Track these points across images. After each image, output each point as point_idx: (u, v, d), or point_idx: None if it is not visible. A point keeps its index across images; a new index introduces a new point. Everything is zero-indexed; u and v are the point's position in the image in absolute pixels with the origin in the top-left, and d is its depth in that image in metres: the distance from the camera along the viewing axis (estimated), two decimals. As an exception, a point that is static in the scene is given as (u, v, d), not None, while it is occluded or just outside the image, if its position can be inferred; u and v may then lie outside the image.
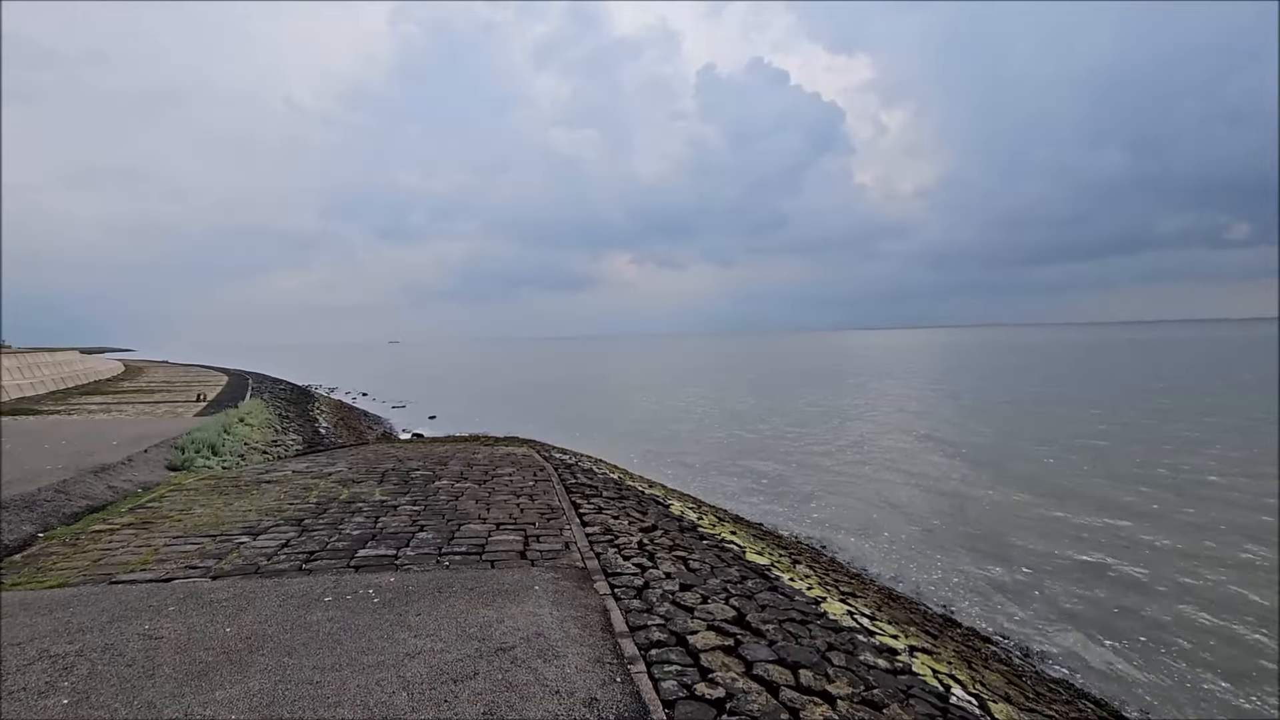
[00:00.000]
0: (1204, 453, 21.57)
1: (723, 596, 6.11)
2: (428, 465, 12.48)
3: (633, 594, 5.94)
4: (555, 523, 8.32)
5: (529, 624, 5.00)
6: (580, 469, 13.21)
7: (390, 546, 7.11)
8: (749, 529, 12.22)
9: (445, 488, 10.33)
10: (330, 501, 9.33)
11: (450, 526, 7.98)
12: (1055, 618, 9.76)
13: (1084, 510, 15.28)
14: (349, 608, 5.28)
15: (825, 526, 14.46)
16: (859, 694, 4.48)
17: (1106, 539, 13.22)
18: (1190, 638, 9.06)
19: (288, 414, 26.00)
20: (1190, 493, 16.58)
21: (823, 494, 17.58)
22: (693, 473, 20.55)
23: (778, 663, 4.78)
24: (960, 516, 15.12)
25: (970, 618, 9.67)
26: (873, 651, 5.46)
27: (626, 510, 9.65)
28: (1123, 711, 7.09)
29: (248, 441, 16.21)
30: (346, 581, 5.94)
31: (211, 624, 4.94)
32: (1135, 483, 17.74)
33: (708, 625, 5.34)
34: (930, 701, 4.70)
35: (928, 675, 5.33)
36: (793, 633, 5.44)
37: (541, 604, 5.44)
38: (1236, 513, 14.72)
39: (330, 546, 7.11)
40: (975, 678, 6.08)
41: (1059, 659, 8.49)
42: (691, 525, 9.52)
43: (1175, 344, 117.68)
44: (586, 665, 4.37)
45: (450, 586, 5.82)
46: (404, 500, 9.42)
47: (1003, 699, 5.69)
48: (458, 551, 6.96)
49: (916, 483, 18.67)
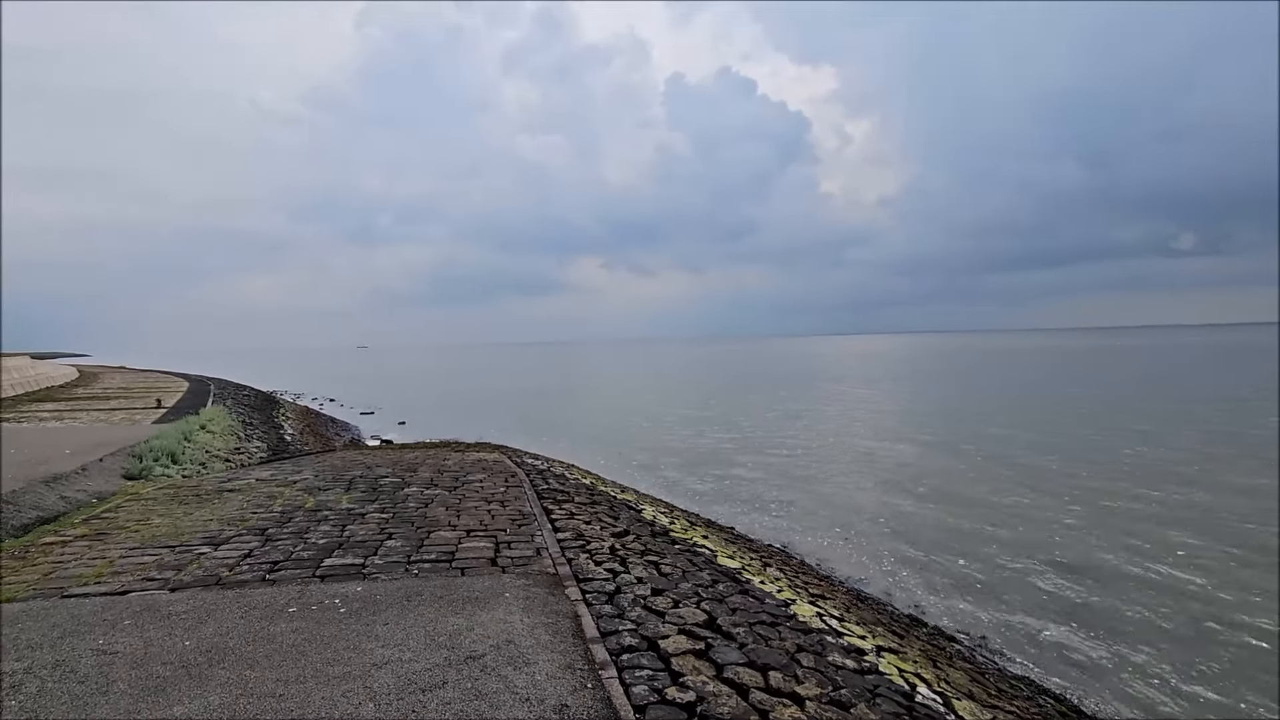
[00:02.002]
0: (1161, 453, 22.36)
1: (694, 600, 6.14)
2: (397, 472, 12.30)
3: (604, 599, 5.94)
4: (527, 529, 8.27)
5: (499, 631, 4.97)
6: (552, 474, 13.15)
7: (358, 555, 6.99)
8: (721, 533, 12.30)
9: (415, 495, 10.20)
10: (295, 510, 9.13)
11: (420, 534, 7.88)
12: (1016, 616, 10.01)
13: (1043, 510, 15.71)
14: (314, 618, 5.18)
15: (796, 530, 14.62)
16: (827, 694, 4.54)
17: (1063, 538, 13.61)
18: (1147, 633, 9.38)
19: (252, 420, 25.38)
20: (1152, 493, 17.16)
21: (793, 498, 17.77)
22: (665, 477, 20.59)
23: (748, 665, 4.82)
24: (925, 518, 15.42)
25: (935, 617, 9.87)
26: (841, 652, 5.54)
27: (599, 515, 9.63)
28: (1081, 706, 7.31)
29: (209, 449, 15.79)
30: (312, 591, 5.83)
31: (169, 637, 4.81)
32: (1091, 482, 18.30)
33: (679, 629, 5.36)
34: (896, 700, 4.79)
35: (894, 674, 5.43)
36: (763, 635, 5.49)
37: (512, 611, 5.40)
38: (1189, 510, 15.28)
39: (295, 556, 6.96)
40: (940, 676, 6.21)
41: (1020, 656, 8.71)
42: (664, 530, 9.54)
43: (1133, 350, 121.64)
44: (557, 672, 4.36)
45: (419, 595, 5.75)
46: (372, 508, 9.27)
47: (966, 696, 5.82)
48: (427, 559, 6.87)
49: (884, 486, 18.99)
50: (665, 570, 7.08)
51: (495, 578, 6.31)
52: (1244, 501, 15.93)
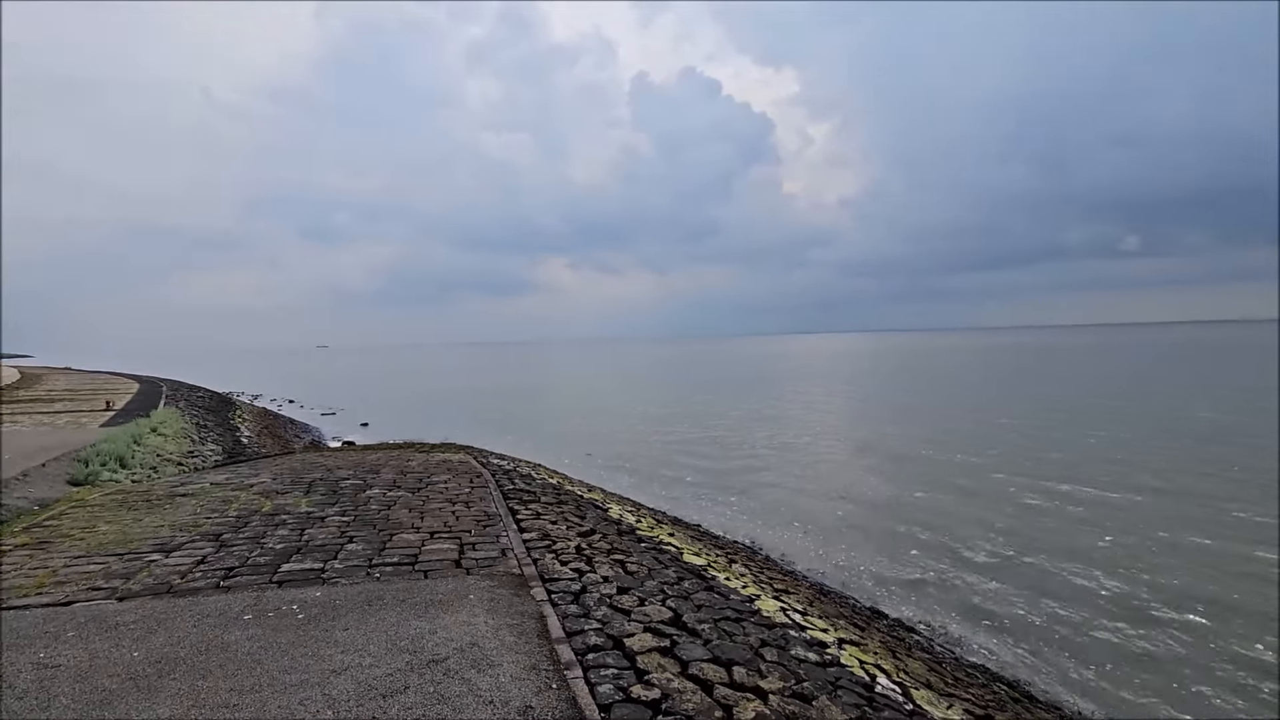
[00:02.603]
0: (1115, 448, 23.26)
1: (660, 598, 6.17)
2: (359, 474, 12.06)
3: (570, 599, 5.92)
4: (492, 530, 8.19)
5: (463, 634, 4.91)
6: (518, 474, 13.05)
7: (317, 560, 6.84)
8: (687, 530, 12.37)
9: (377, 497, 10.01)
10: (252, 514, 8.88)
11: (382, 537, 7.74)
12: (972, 606, 10.31)
13: (999, 504, 16.20)
14: (271, 625, 5.05)
15: (761, 526, 14.79)
16: (790, 688, 4.61)
17: (1016, 530, 14.05)
18: (1091, 619, 9.75)
19: (206, 423, 24.58)
20: (1103, 485, 17.85)
21: (758, 494, 17.98)
22: (632, 476, 20.63)
23: (713, 661, 4.86)
24: (886, 513, 15.76)
25: (896, 608, 10.11)
26: (804, 646, 5.63)
27: (565, 515, 9.60)
28: (1032, 692, 7.57)
29: (160, 453, 15.24)
30: (269, 598, 5.68)
31: (116, 649, 4.63)
32: (1042, 480, 18.93)
33: (645, 627, 5.38)
34: (857, 692, 4.89)
35: (855, 666, 5.54)
36: (728, 631, 5.55)
37: (476, 613, 5.35)
38: (1136, 502, 15.94)
39: (251, 562, 6.77)
40: (899, 666, 6.36)
41: (976, 645, 8.98)
42: (630, 528, 9.56)
43: (1085, 349, 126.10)
44: (521, 673, 4.33)
45: (381, 599, 5.65)
46: (332, 511, 9.07)
47: (924, 685, 5.97)
48: (389, 562, 6.76)
49: (846, 482, 19.35)
50: (631, 569, 7.10)
51: (459, 580, 6.23)
52: (1185, 494, 16.68)
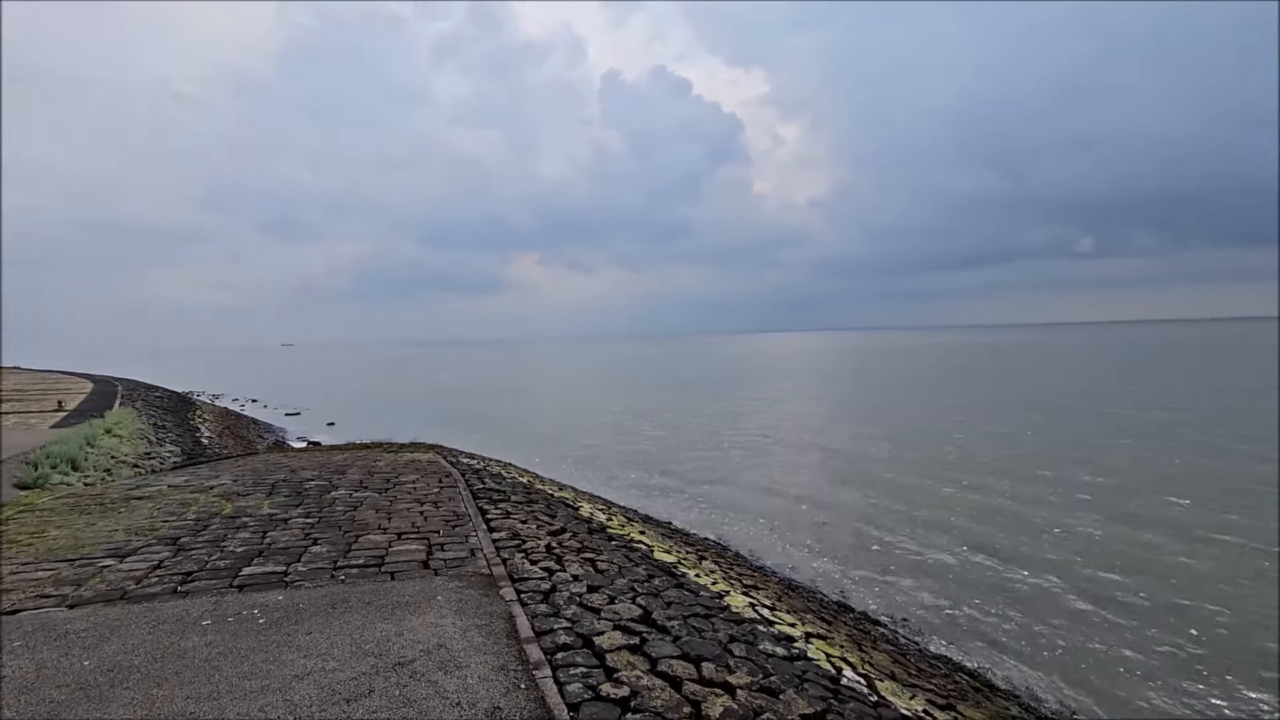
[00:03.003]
0: (1076, 443, 23.99)
1: (630, 596, 6.18)
2: (324, 475, 11.82)
3: (540, 598, 5.89)
4: (461, 530, 8.11)
5: (430, 636, 4.86)
6: (488, 474, 12.94)
7: (279, 563, 6.69)
8: (658, 528, 12.41)
9: (343, 498, 9.83)
10: (211, 517, 8.65)
11: (347, 538, 7.60)
12: (934, 598, 10.55)
13: (960, 497, 16.60)
14: (230, 631, 4.93)
15: (731, 523, 14.92)
16: (758, 682, 4.66)
17: (975, 525, 14.41)
18: (1047, 612, 10.05)
19: (164, 423, 23.85)
20: (1062, 476, 18.40)
21: (728, 491, 18.12)
22: (603, 474, 20.61)
23: (682, 658, 4.89)
24: (852, 509, 16.03)
25: (861, 602, 10.30)
26: (772, 640, 5.69)
27: (535, 514, 9.55)
28: (992, 681, 7.78)
29: (115, 454, 14.75)
30: (228, 602, 5.54)
31: (66, 658, 4.47)
32: (999, 475, 19.45)
33: (614, 625, 5.38)
34: (823, 684, 4.96)
35: (822, 659, 5.62)
36: (697, 627, 5.58)
37: (444, 614, 5.29)
38: (1083, 491, 16.47)
39: (210, 566, 6.59)
40: (865, 659, 6.48)
41: (938, 636, 9.19)
42: (600, 527, 9.55)
43: (1038, 347, 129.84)
44: (490, 674, 4.30)
45: (346, 602, 5.55)
46: (296, 513, 8.88)
47: (889, 677, 6.09)
48: (355, 564, 6.64)
49: (813, 478, 19.63)
50: (602, 567, 7.09)
51: (427, 581, 6.16)
52: (1137, 479, 17.29)
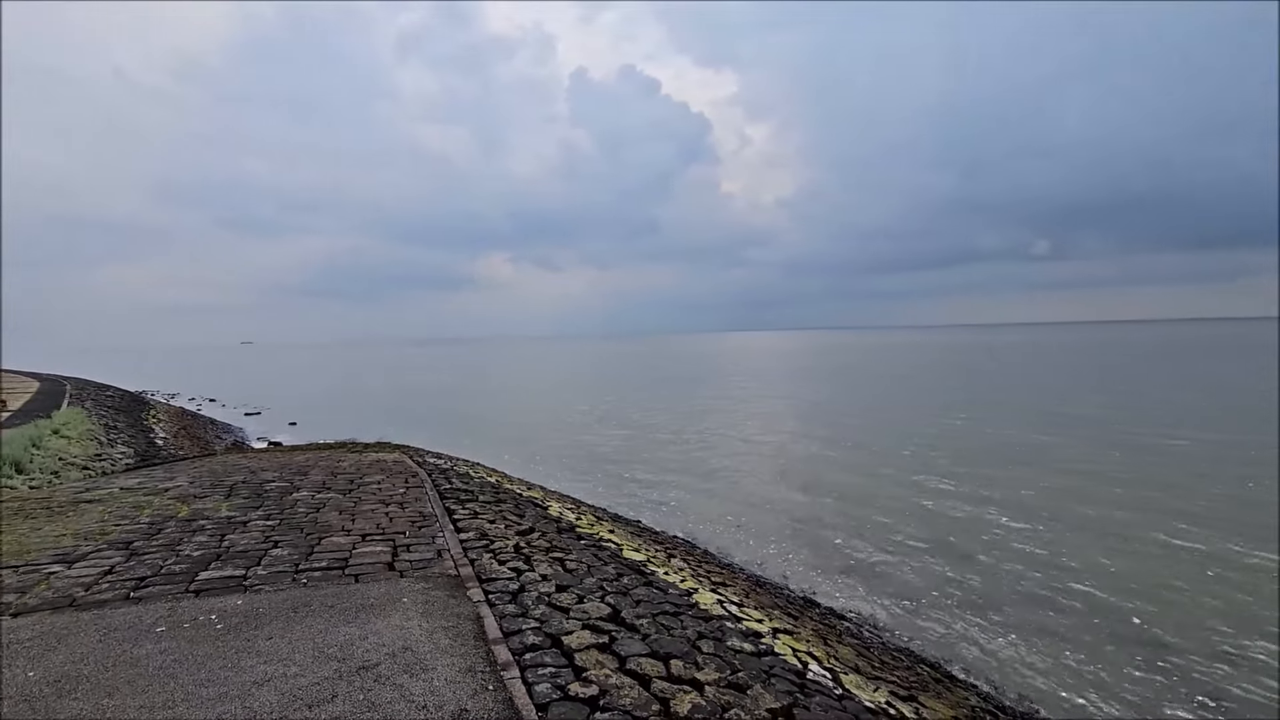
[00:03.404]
0: (1037, 443, 24.73)
1: (598, 595, 6.17)
2: (285, 476, 11.55)
3: (508, 599, 5.85)
4: (427, 530, 8.00)
5: (395, 638, 4.79)
6: (456, 473, 12.80)
7: (238, 566, 6.51)
8: (627, 527, 12.43)
9: (305, 499, 9.62)
10: (166, 520, 8.37)
11: (309, 540, 7.44)
12: (897, 592, 10.79)
13: (921, 494, 16.99)
14: (186, 637, 4.78)
15: (699, 521, 15.02)
16: (725, 678, 4.71)
17: (935, 519, 14.78)
18: (1003, 602, 10.36)
19: (116, 424, 23.00)
20: (1014, 475, 18.96)
21: (697, 489, 18.24)
22: (572, 473, 20.56)
23: (650, 656, 4.91)
24: (818, 506, 16.29)
25: (828, 597, 10.48)
26: (739, 636, 5.75)
27: (503, 514, 9.48)
28: (952, 672, 7.99)
29: (63, 456, 14.18)
30: (184, 608, 5.37)
31: (9, 669, 4.29)
32: (956, 472, 19.98)
33: (583, 624, 5.37)
34: (789, 679, 5.04)
35: (788, 654, 5.70)
36: (665, 625, 5.61)
37: (410, 616, 5.22)
38: (1038, 485, 17.02)
39: (165, 571, 6.39)
40: (830, 653, 6.59)
41: (900, 629, 9.41)
42: (570, 526, 9.53)
43: (1000, 347, 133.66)
44: (457, 676, 4.26)
45: (308, 605, 5.43)
46: (256, 515, 8.65)
47: (853, 670, 6.21)
48: (317, 567, 6.50)
49: (781, 476, 19.87)
50: (570, 566, 7.08)
51: (392, 583, 6.06)
52: (1083, 478, 17.93)
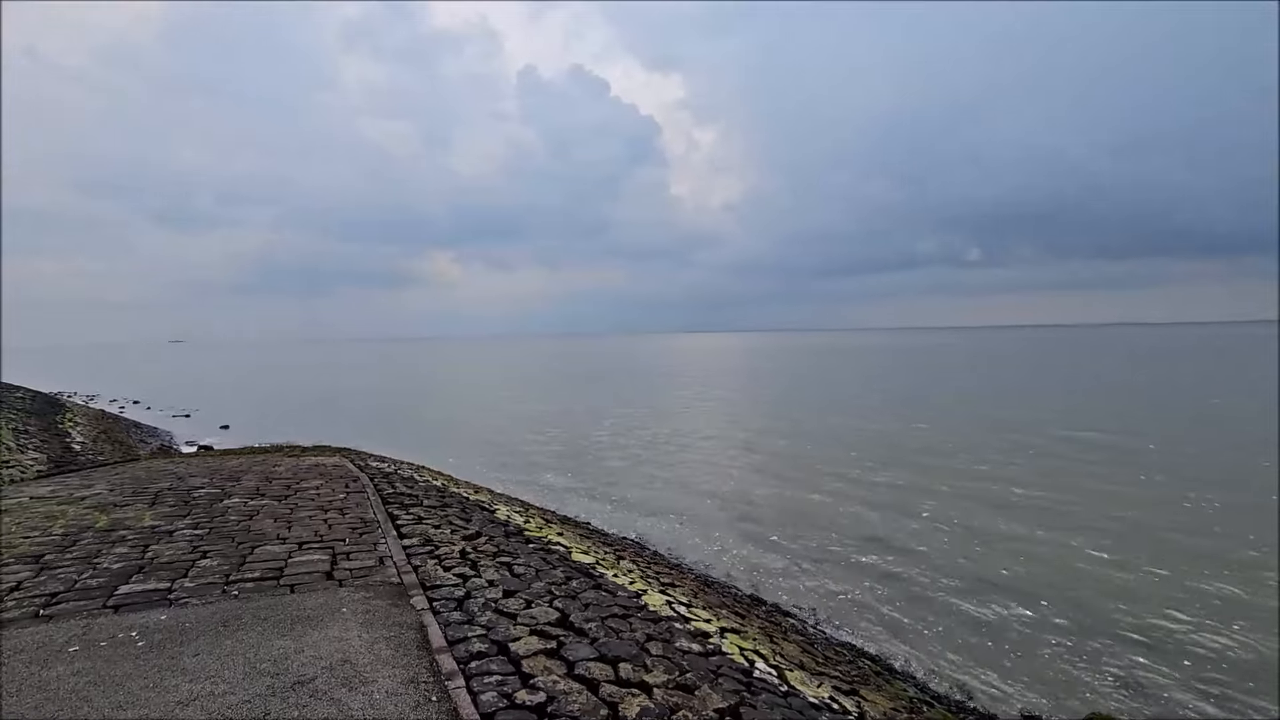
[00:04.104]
0: (967, 441, 25.78)
1: (547, 599, 6.11)
2: (216, 481, 11.00)
3: (453, 606, 5.73)
4: (369, 537, 7.76)
5: (333, 651, 4.61)
6: (400, 478, 12.45)
7: (162, 579, 6.16)
8: (576, 529, 12.35)
9: (237, 506, 9.18)
10: (82, 531, 7.85)
11: (241, 550, 7.10)
12: (838, 588, 11.07)
13: (856, 493, 17.51)
14: (104, 656, 4.48)
15: (648, 521, 15.07)
16: (674, 680, 4.72)
17: (872, 516, 15.26)
18: (936, 594, 10.76)
19: (26, 428, 21.45)
20: (951, 470, 19.73)
21: (645, 489, 18.30)
22: (521, 475, 20.31)
23: (599, 660, 4.88)
24: (764, 503, 16.58)
25: (773, 594, 10.66)
26: (688, 637, 5.78)
27: (449, 519, 9.27)
28: (892, 665, 8.25)
29: (-36, 464, 13.13)
30: (101, 625, 5.04)
31: (-103, 698, 3.93)
32: (893, 468, 20.68)
33: (531, 630, 5.30)
34: (737, 678, 5.09)
35: (735, 654, 5.76)
36: (614, 628, 5.59)
37: (349, 627, 5.04)
38: (969, 478, 17.79)
39: (80, 585, 5.98)
40: (776, 650, 6.70)
41: (843, 624, 9.67)
42: (518, 529, 9.40)
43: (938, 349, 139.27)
44: (399, 688, 4.13)
45: (239, 619, 5.18)
46: (183, 524, 8.20)
47: (798, 667, 6.33)
48: (249, 578, 6.21)
49: (727, 474, 20.14)
50: (518, 571, 6.98)
51: (331, 593, 5.84)
52: (1007, 479, 18.82)
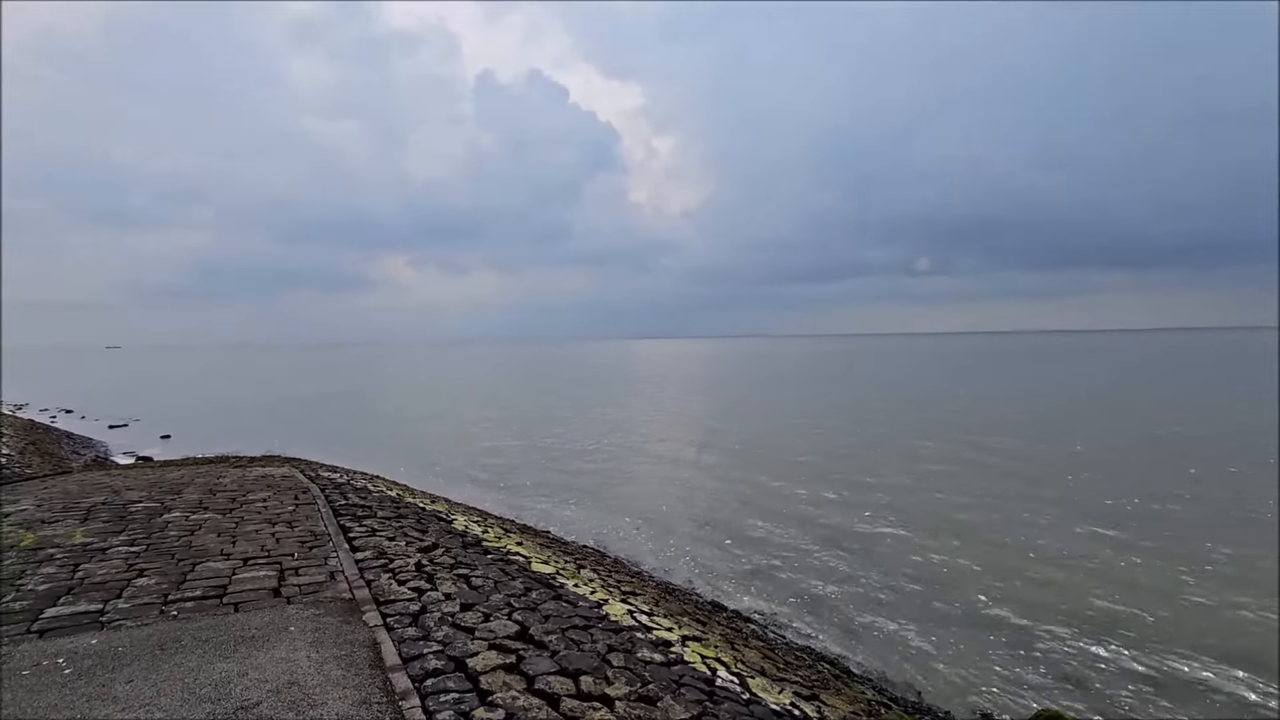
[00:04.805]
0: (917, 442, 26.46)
1: (506, 612, 5.98)
2: (155, 495, 10.47)
3: (408, 621, 5.56)
4: (319, 551, 7.48)
5: (280, 673, 4.40)
6: (352, 488, 12.09)
7: (94, 600, 5.80)
8: (536, 538, 12.18)
9: (177, 521, 8.75)
10: (5, 551, 7.35)
11: (182, 568, 6.76)
12: (797, 590, 11.19)
13: (810, 496, 17.78)
14: (26, 686, 4.19)
15: (608, 528, 14.97)
16: (636, 692, 4.67)
17: (827, 518, 15.50)
18: (888, 594, 10.98)
19: (-56, 440, 20.09)
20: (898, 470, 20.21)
21: (605, 495, 18.20)
22: (479, 484, 19.96)
23: (560, 673, 4.79)
24: (722, 508, 16.67)
25: (734, 600, 10.70)
26: (650, 647, 5.74)
27: (404, 530, 9.03)
28: (850, 667, 8.35)
29: (-128, 479, 12.19)
30: (23, 653, 4.71)
31: None
32: (846, 470, 21.10)
33: (489, 644, 5.18)
34: (699, 688, 5.06)
35: (697, 662, 5.74)
36: (575, 640, 5.51)
37: (297, 647, 4.83)
38: (907, 478, 18.25)
39: (1, 609, 5.59)
40: (737, 657, 6.71)
41: (802, 627, 9.76)
42: (476, 540, 9.21)
43: (888, 354, 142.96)
44: (350, 710, 3.97)
45: (178, 641, 4.91)
46: (118, 540, 7.77)
47: (760, 673, 6.35)
48: (190, 597, 5.91)
49: (685, 480, 20.19)
50: (476, 583, 6.82)
51: (278, 611, 5.60)
52: (946, 477, 19.39)
